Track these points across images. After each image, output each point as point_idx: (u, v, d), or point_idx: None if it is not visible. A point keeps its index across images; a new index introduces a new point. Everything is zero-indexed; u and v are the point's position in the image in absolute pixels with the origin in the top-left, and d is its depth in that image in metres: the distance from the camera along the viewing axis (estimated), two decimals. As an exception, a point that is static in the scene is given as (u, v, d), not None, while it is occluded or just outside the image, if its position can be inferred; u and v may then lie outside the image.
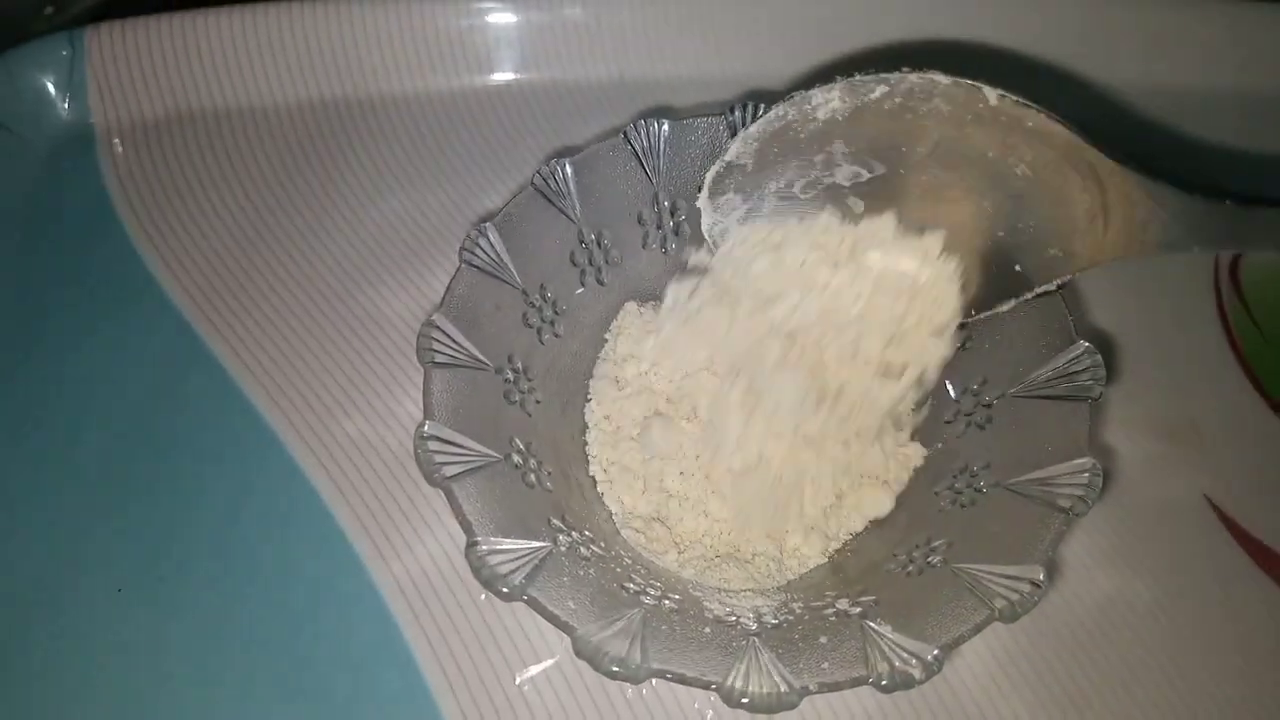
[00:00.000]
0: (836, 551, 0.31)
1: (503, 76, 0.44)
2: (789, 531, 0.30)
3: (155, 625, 0.31)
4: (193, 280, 0.38)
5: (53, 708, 0.29)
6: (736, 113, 0.32)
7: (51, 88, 0.42)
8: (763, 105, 0.32)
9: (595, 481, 0.32)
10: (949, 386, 0.32)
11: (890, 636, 0.24)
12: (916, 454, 0.31)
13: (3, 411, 0.35)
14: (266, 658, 0.30)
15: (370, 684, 0.30)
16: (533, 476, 0.29)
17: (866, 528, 0.31)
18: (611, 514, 0.31)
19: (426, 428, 0.26)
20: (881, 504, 0.30)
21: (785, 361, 0.29)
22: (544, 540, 0.26)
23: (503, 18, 0.44)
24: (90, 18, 0.43)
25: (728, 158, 0.29)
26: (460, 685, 0.30)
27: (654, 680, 0.29)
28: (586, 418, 0.33)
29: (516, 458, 0.28)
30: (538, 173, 0.31)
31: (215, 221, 0.40)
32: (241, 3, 0.43)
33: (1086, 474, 0.26)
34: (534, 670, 0.30)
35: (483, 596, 0.31)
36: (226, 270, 0.38)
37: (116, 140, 0.42)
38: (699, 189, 0.30)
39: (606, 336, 0.34)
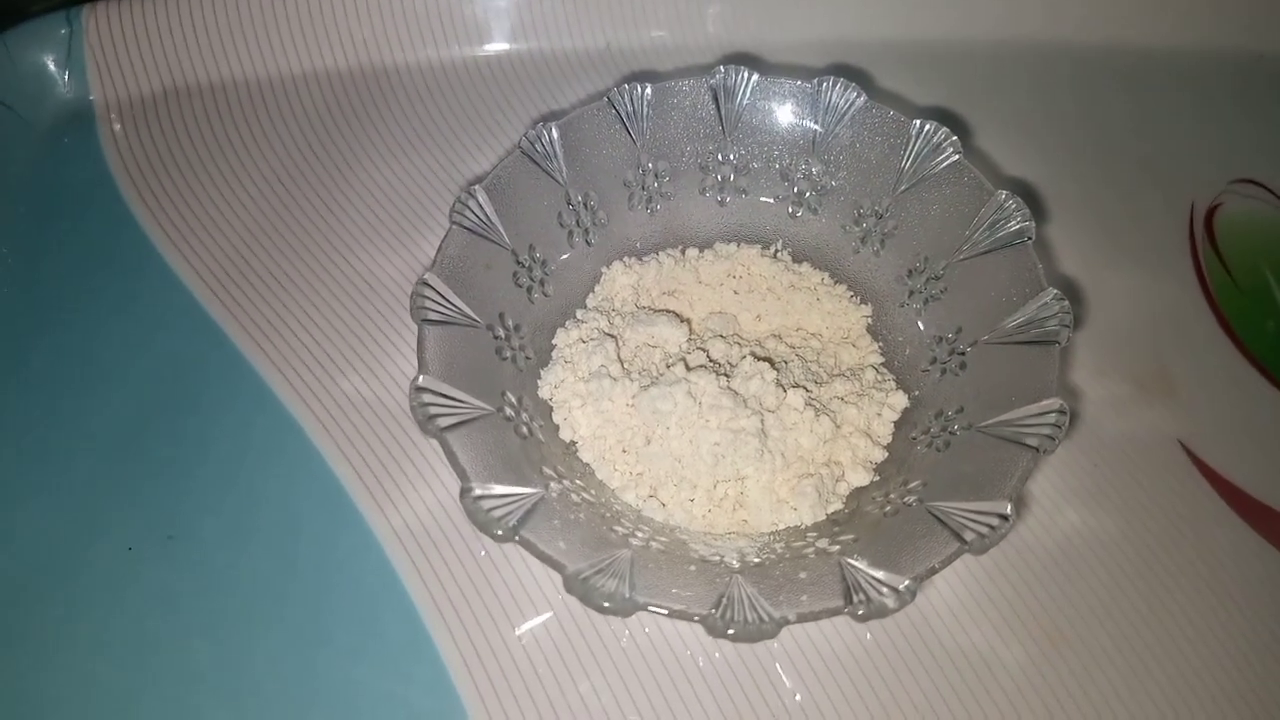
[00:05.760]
0: (835, 512, 0.30)
1: (493, 47, 0.45)
2: (783, 502, 0.30)
3: (165, 581, 0.32)
4: (192, 249, 0.39)
5: (69, 661, 0.30)
6: (718, 75, 0.32)
7: (51, 66, 0.43)
8: (744, 69, 0.32)
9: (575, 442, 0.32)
10: (923, 331, 0.33)
11: (865, 570, 0.25)
12: (899, 402, 0.32)
13: (14, 379, 0.36)
14: (273, 610, 0.31)
15: (374, 632, 0.31)
16: (525, 429, 0.30)
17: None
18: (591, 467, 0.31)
19: (420, 380, 0.27)
20: (872, 454, 0.31)
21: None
22: (536, 487, 0.27)
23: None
24: (87, -4, 0.44)
25: None
26: (460, 632, 0.31)
27: (644, 627, 0.31)
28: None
29: (509, 410, 0.29)
30: (524, 136, 0.31)
31: (213, 192, 0.41)
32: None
33: (1054, 414, 0.27)
34: (532, 620, 0.31)
35: (483, 552, 0.32)
36: (225, 239, 0.39)
37: (115, 116, 0.43)
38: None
39: (589, 300, 0.34)
